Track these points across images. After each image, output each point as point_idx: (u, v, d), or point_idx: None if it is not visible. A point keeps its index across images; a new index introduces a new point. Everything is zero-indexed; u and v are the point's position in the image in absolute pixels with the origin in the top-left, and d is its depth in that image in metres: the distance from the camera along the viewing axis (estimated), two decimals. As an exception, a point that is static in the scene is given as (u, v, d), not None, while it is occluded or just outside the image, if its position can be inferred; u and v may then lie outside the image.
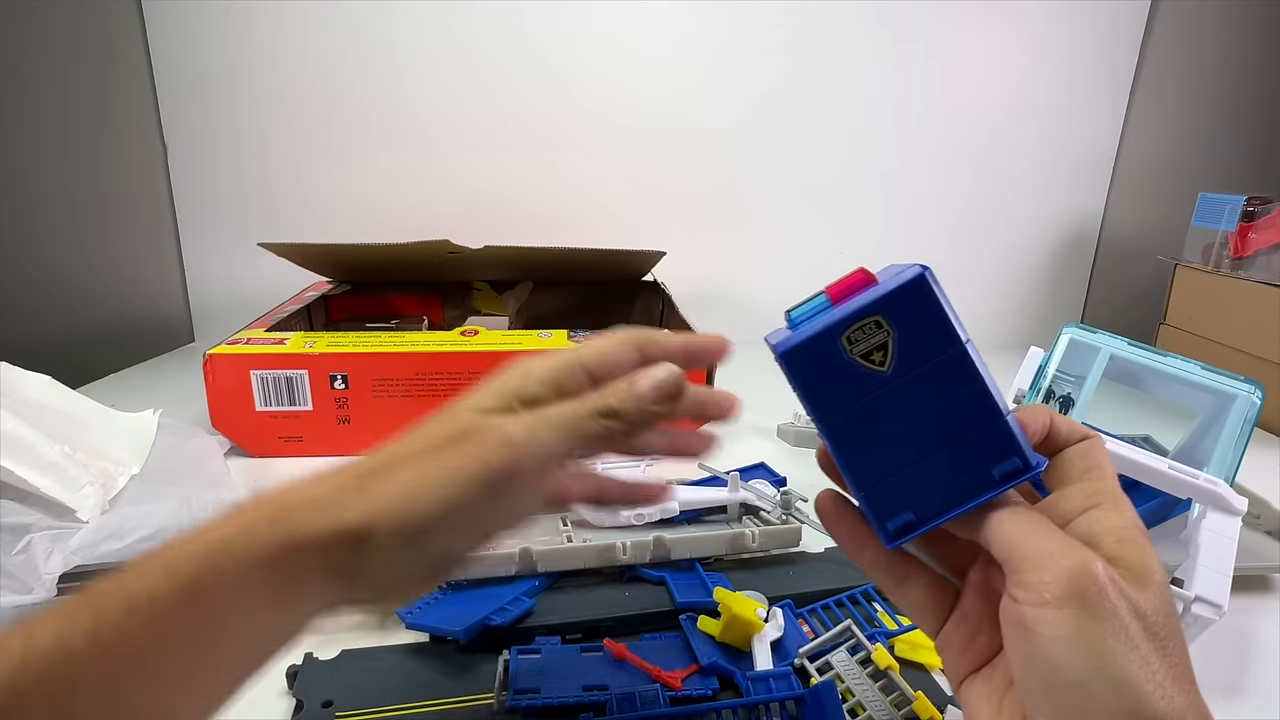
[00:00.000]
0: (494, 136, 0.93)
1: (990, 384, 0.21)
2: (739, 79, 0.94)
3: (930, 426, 0.22)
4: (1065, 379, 0.48)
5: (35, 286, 0.83)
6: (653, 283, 0.89)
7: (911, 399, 0.21)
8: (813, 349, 0.22)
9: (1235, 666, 0.39)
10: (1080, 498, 0.21)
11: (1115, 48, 0.96)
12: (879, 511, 0.22)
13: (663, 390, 0.24)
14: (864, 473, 0.22)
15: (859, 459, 0.22)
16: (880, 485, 0.22)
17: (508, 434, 0.22)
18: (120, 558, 0.43)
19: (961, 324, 0.21)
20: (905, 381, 0.21)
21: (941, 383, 0.21)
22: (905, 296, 0.21)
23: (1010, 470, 0.21)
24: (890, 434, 0.22)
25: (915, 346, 0.21)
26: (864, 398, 0.22)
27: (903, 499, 0.22)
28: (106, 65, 0.86)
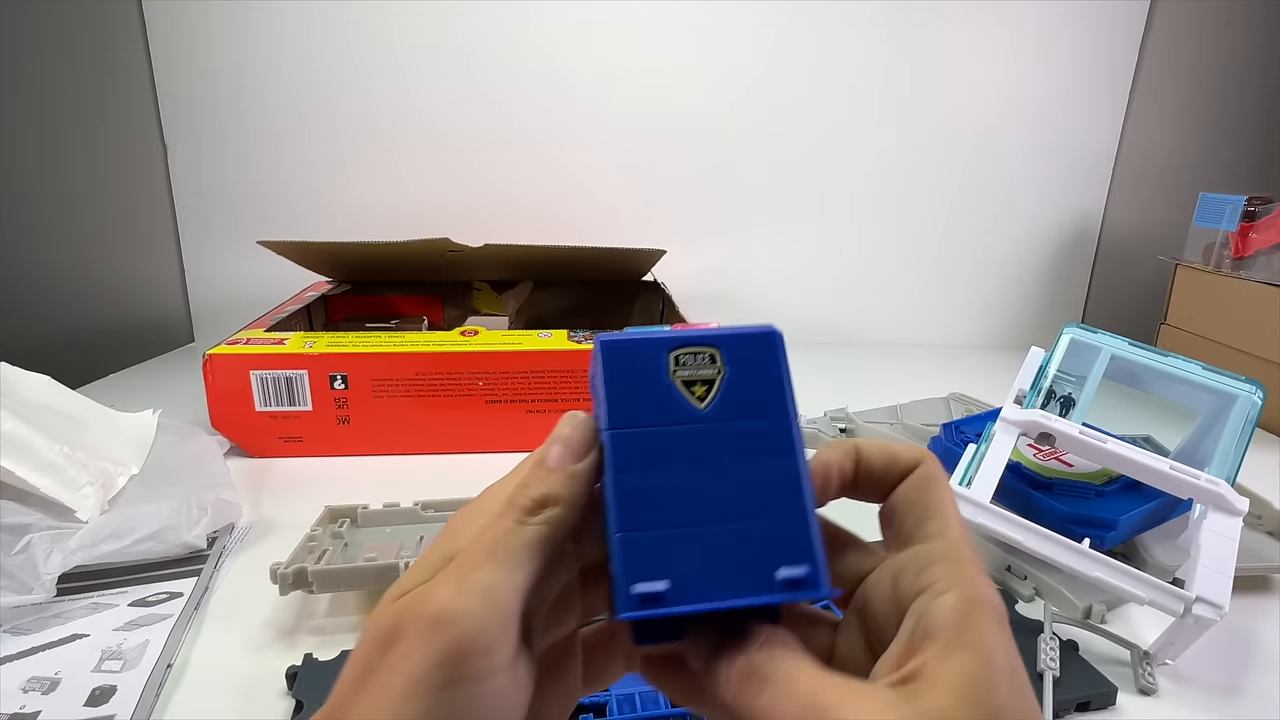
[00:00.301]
0: (495, 136, 0.93)
1: (804, 473, 0.19)
2: (739, 79, 0.94)
3: (726, 492, 0.18)
4: (1066, 379, 0.48)
5: (35, 286, 0.83)
6: (653, 282, 0.88)
7: (718, 451, 0.19)
8: (638, 349, 0.20)
9: (1235, 667, 0.39)
10: (912, 572, 0.18)
11: (1115, 48, 0.96)
12: (631, 566, 0.18)
13: (575, 443, 0.19)
14: (634, 511, 0.18)
15: (635, 493, 0.18)
16: (647, 534, 0.18)
17: (430, 611, 0.16)
18: (120, 558, 0.43)
19: (795, 402, 0.19)
20: (718, 429, 0.19)
21: (754, 448, 0.19)
22: (750, 342, 0.20)
23: (795, 579, 0.17)
24: (681, 480, 0.19)
25: (741, 398, 0.19)
26: (669, 425, 0.19)
27: (664, 563, 0.18)
28: (106, 65, 0.86)
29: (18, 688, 0.34)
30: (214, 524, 0.47)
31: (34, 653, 0.36)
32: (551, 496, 0.18)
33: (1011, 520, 0.39)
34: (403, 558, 0.40)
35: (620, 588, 0.17)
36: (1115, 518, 0.44)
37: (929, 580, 0.17)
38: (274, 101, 0.90)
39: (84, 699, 0.33)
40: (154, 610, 0.40)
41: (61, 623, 0.39)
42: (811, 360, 0.97)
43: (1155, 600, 0.36)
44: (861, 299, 1.03)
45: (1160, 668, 0.38)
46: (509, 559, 0.17)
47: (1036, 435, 0.43)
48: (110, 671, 0.35)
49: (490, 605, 0.16)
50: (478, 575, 0.16)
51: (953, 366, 0.93)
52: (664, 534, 0.18)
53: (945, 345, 1.03)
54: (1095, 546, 0.37)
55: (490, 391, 0.61)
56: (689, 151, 0.96)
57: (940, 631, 0.16)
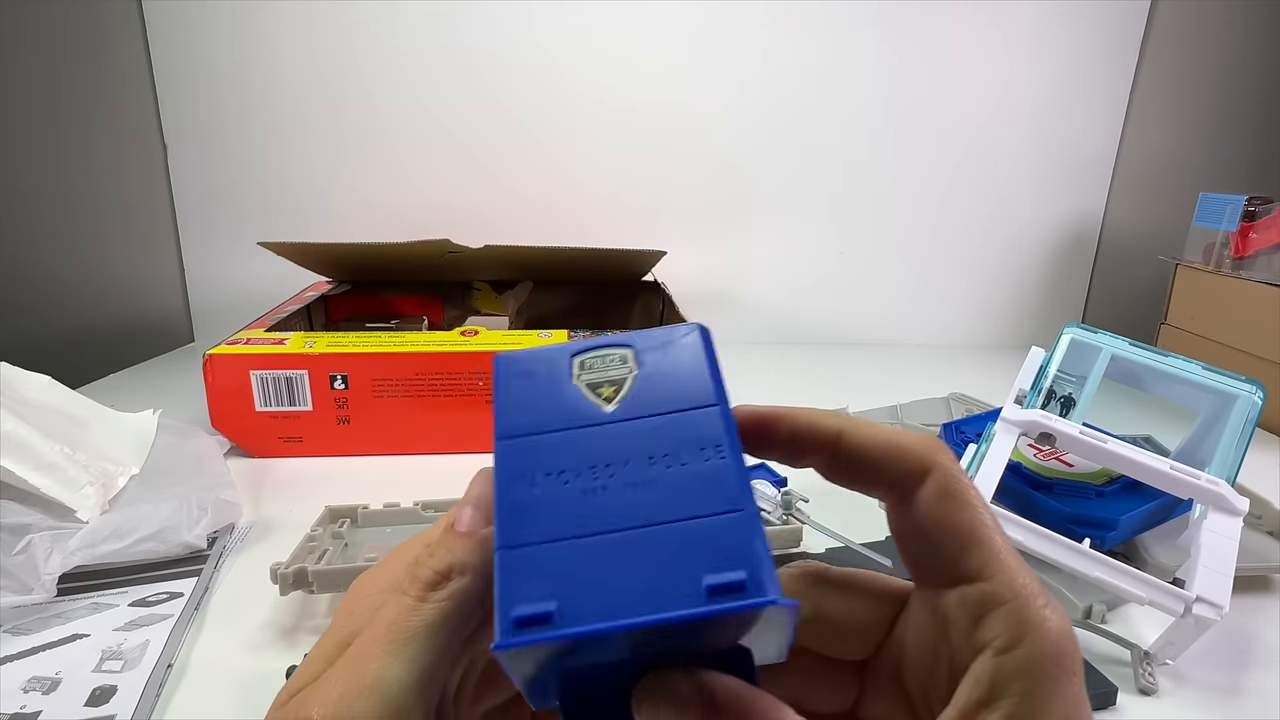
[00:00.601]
0: (496, 134, 0.93)
1: (737, 466, 0.15)
2: (738, 79, 0.94)
3: (638, 496, 0.15)
4: (1066, 379, 0.48)
5: (35, 286, 0.83)
6: (653, 283, 0.88)
7: (627, 452, 0.16)
8: (535, 357, 0.18)
9: (1235, 667, 0.39)
10: (964, 623, 0.15)
11: (1115, 47, 0.96)
12: (512, 586, 0.14)
13: (489, 504, 0.16)
14: (520, 525, 0.15)
15: (523, 506, 0.15)
16: (534, 549, 0.15)
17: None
18: (120, 558, 0.43)
19: (727, 397, 0.17)
20: (627, 428, 0.16)
21: (672, 445, 0.16)
22: (666, 338, 0.18)
23: (727, 585, 0.14)
24: (581, 487, 0.15)
25: (655, 394, 0.17)
26: (567, 430, 0.16)
27: (556, 581, 0.14)
28: (106, 64, 0.86)
29: (18, 688, 0.34)
30: (214, 524, 0.47)
31: (34, 653, 0.36)
32: (458, 565, 0.16)
33: (1012, 520, 0.39)
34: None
35: (499, 613, 0.14)
36: (1115, 518, 0.44)
37: (990, 635, 0.14)
38: (274, 100, 0.90)
39: (84, 699, 0.33)
40: (154, 610, 0.40)
41: (62, 623, 0.39)
42: (811, 360, 0.97)
43: (1155, 600, 0.36)
44: (861, 299, 1.03)
45: (1160, 668, 0.38)
46: (406, 646, 0.14)
47: (1037, 435, 0.43)
48: (111, 671, 0.35)
49: (383, 706, 0.14)
50: (369, 670, 0.14)
51: (953, 366, 0.93)
52: (556, 547, 0.15)
53: (945, 345, 1.03)
54: (1095, 546, 0.37)
55: (490, 391, 0.61)
56: (690, 151, 0.96)
57: (1013, 705, 0.13)
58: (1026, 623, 0.14)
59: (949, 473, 0.16)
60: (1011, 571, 0.15)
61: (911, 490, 0.16)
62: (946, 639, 0.15)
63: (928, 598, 0.16)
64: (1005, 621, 0.14)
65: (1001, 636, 0.14)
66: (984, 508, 0.16)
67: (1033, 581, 0.14)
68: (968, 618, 0.15)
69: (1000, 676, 0.14)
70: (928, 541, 0.16)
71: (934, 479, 0.16)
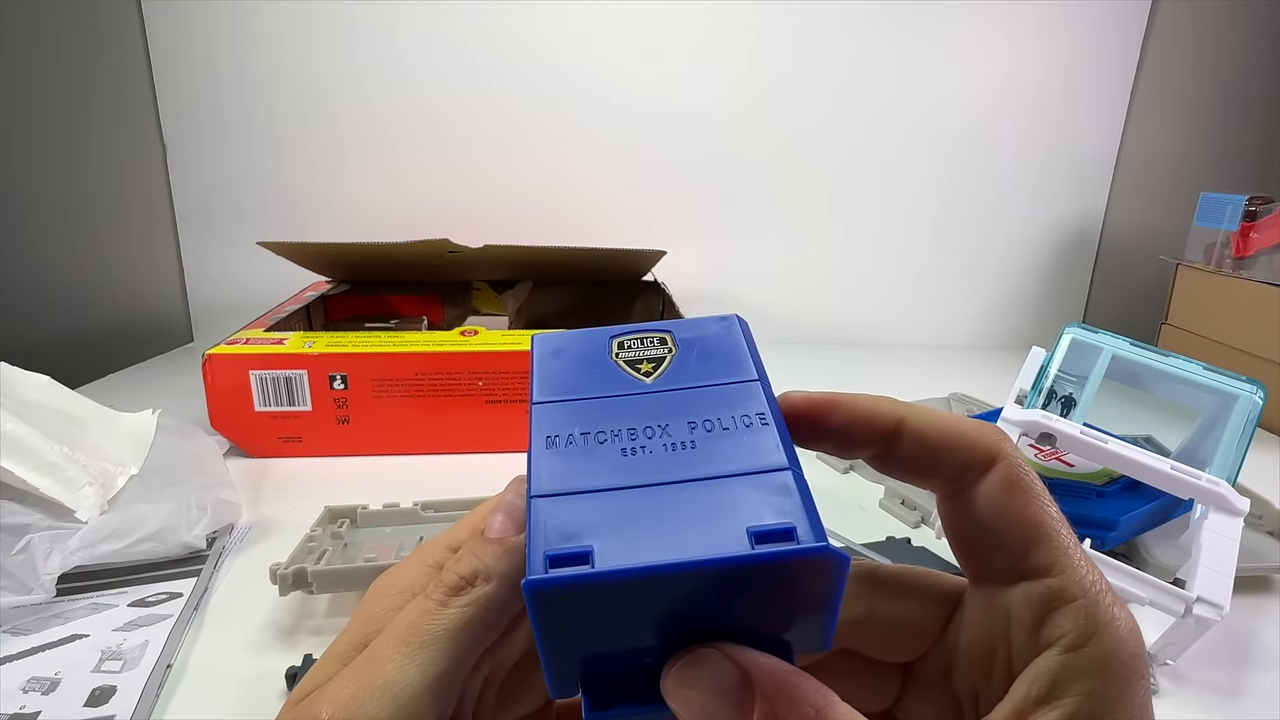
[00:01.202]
0: (497, 134, 0.93)
1: (781, 429, 0.15)
2: (739, 78, 0.94)
3: (679, 453, 0.15)
4: (1067, 379, 0.47)
5: (34, 286, 0.83)
6: (653, 282, 0.88)
7: (666, 415, 0.16)
8: (576, 338, 0.18)
9: (1236, 667, 0.39)
10: (1028, 619, 0.14)
11: (1115, 47, 0.96)
12: (548, 527, 0.14)
13: (521, 511, 0.16)
14: (557, 477, 0.15)
15: (560, 462, 0.15)
16: (567, 497, 0.14)
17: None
18: (119, 558, 0.43)
19: (766, 376, 0.17)
20: (667, 396, 0.16)
21: (712, 409, 0.16)
22: (708, 324, 0.18)
23: (775, 532, 0.13)
24: (621, 446, 0.15)
25: (697, 369, 0.17)
26: (607, 395, 0.16)
27: (590, 525, 0.14)
28: (105, 64, 0.85)
29: (18, 688, 0.34)
30: (214, 524, 0.47)
31: (34, 653, 0.36)
32: (484, 571, 0.15)
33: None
34: (402, 558, 0.40)
35: (531, 553, 0.13)
36: (1116, 518, 0.44)
37: (1057, 632, 0.13)
38: (274, 100, 0.90)
39: (84, 699, 0.33)
40: (154, 610, 0.40)
41: (61, 623, 0.39)
42: (812, 360, 0.97)
43: (1156, 600, 0.36)
44: (862, 299, 1.03)
45: (1161, 668, 0.38)
46: (423, 650, 0.14)
47: (1037, 435, 0.43)
48: (110, 672, 0.35)
49: (394, 709, 0.13)
50: (383, 672, 0.14)
51: (953, 366, 0.93)
52: (594, 497, 0.14)
53: (945, 345, 1.03)
54: (1096, 547, 0.37)
55: (490, 391, 0.61)
56: (690, 151, 0.96)
57: (1077, 704, 0.13)
58: (1096, 620, 0.13)
59: (1015, 463, 0.15)
60: (1080, 568, 0.14)
61: (974, 482, 0.15)
62: (1006, 637, 0.14)
63: (986, 594, 0.15)
64: (1074, 618, 0.13)
65: (1070, 634, 0.13)
66: (1051, 501, 0.15)
67: (1101, 579, 0.14)
68: (1033, 614, 0.14)
69: (1065, 674, 0.13)
70: (990, 535, 0.15)
71: (1000, 469, 0.15)
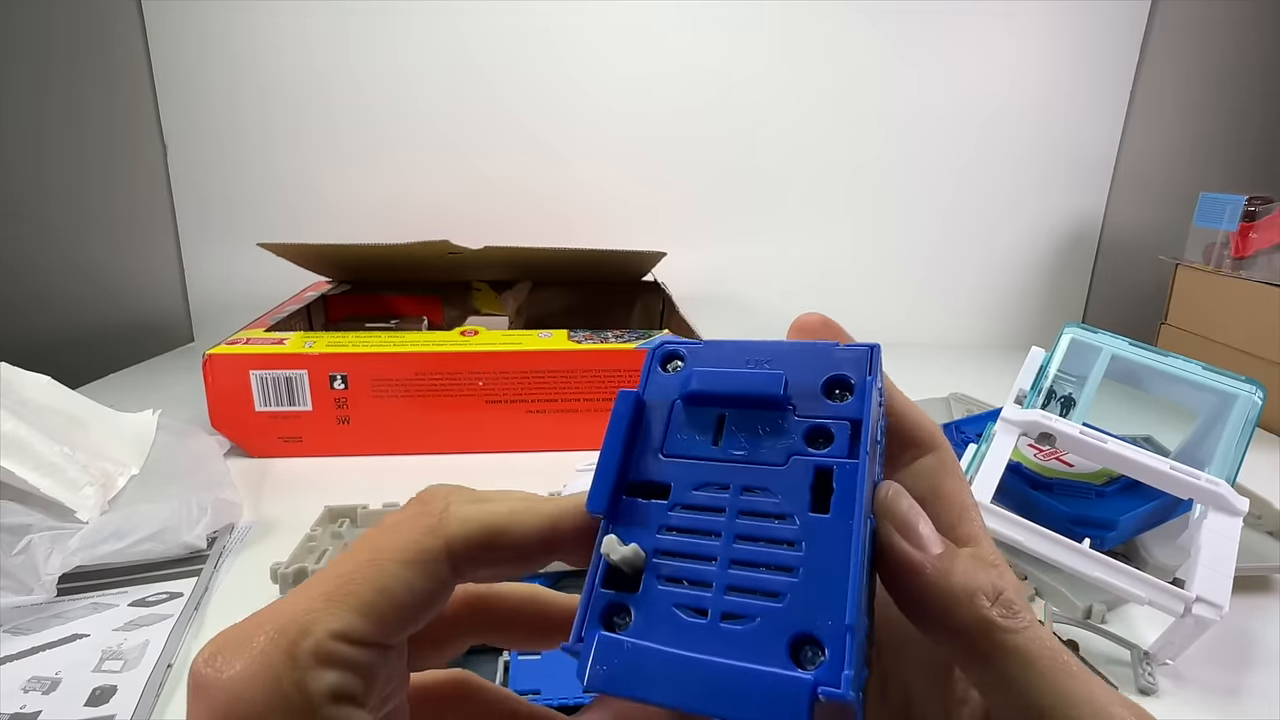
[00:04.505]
0: (496, 135, 0.93)
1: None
2: (740, 79, 0.94)
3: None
4: (1067, 379, 0.47)
5: (34, 286, 0.83)
6: (653, 283, 0.88)
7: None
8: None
9: (1236, 667, 0.39)
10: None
11: (1115, 47, 0.96)
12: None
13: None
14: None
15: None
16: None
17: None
18: (120, 558, 0.43)
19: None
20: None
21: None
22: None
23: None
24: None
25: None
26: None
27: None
28: (106, 64, 0.86)
29: (18, 688, 0.34)
30: (214, 524, 0.47)
31: (34, 653, 0.36)
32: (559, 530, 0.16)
33: (1012, 520, 0.39)
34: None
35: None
36: (1115, 518, 0.44)
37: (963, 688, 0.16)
38: (274, 101, 0.90)
39: (84, 699, 0.33)
40: (154, 610, 0.40)
41: (61, 623, 0.39)
42: (811, 360, 0.97)
43: (1155, 600, 0.36)
44: (862, 299, 1.03)
45: (1160, 668, 0.38)
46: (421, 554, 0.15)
47: (1037, 435, 0.43)
48: (110, 671, 0.35)
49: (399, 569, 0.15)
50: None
51: (953, 366, 0.93)
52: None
53: (945, 345, 1.03)
54: (1095, 547, 0.37)
55: (490, 391, 0.61)
56: (691, 151, 0.96)
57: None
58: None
59: (951, 450, 0.18)
60: (987, 542, 0.17)
61: (915, 458, 0.17)
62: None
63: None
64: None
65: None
66: (969, 488, 0.18)
67: (1001, 559, 0.16)
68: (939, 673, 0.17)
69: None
70: (924, 504, 0.17)
71: (939, 453, 0.17)
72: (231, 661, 0.13)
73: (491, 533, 0.15)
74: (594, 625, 0.15)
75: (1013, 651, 0.14)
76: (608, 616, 0.15)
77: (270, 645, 0.13)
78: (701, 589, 0.15)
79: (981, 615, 0.14)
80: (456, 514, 0.15)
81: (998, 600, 0.14)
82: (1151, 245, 0.99)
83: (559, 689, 0.33)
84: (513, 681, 0.33)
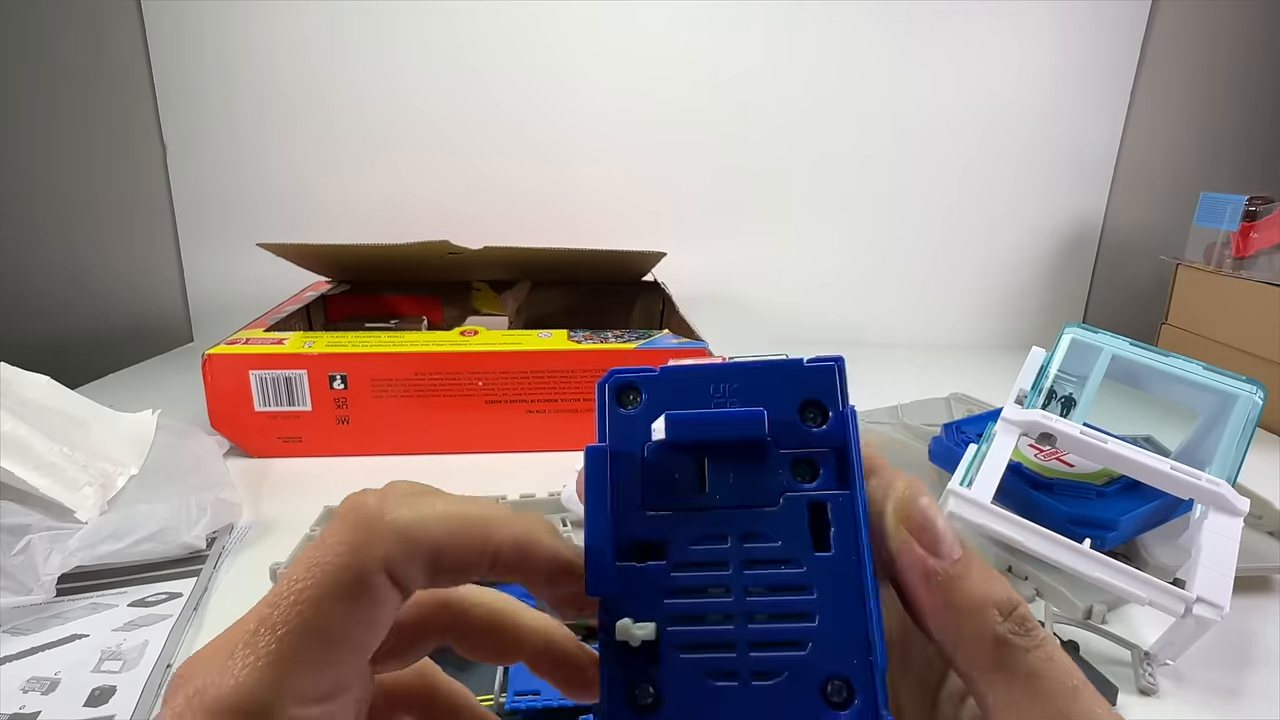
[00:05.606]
0: (496, 135, 0.93)
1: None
2: (740, 79, 0.94)
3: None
4: (1067, 379, 0.47)
5: (34, 286, 0.83)
6: (653, 283, 0.88)
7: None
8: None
9: (1236, 667, 0.39)
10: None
11: (1116, 47, 0.96)
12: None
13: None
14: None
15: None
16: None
17: None
18: (119, 559, 0.43)
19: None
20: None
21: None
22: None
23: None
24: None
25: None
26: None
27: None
28: (105, 64, 0.85)
29: (18, 688, 0.34)
30: (213, 524, 0.47)
31: (34, 653, 0.36)
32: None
33: (1012, 521, 0.39)
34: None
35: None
36: (1116, 518, 0.44)
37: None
38: (274, 101, 0.90)
39: (84, 699, 0.33)
40: (153, 610, 0.40)
41: (61, 623, 0.39)
42: (812, 360, 0.97)
43: (1156, 601, 0.36)
44: (862, 299, 1.03)
45: (1161, 668, 0.38)
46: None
47: (1037, 435, 0.43)
48: (110, 672, 0.35)
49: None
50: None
51: (953, 366, 0.93)
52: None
53: (945, 345, 1.03)
54: (1096, 547, 0.37)
55: (490, 392, 0.61)
56: (691, 151, 0.96)
57: None
58: None
59: (889, 469, 0.17)
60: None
61: None
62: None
63: None
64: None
65: None
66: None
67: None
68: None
69: None
70: None
71: (881, 473, 0.16)
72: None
73: (435, 548, 0.14)
74: (621, 709, 0.14)
75: (1021, 671, 0.14)
76: (631, 696, 0.14)
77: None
78: (724, 651, 0.14)
79: (993, 630, 0.14)
80: (390, 526, 0.14)
81: (1011, 615, 0.14)
82: (1152, 245, 0.99)
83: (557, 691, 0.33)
84: (512, 682, 0.33)
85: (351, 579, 0.13)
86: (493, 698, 0.33)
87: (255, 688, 0.12)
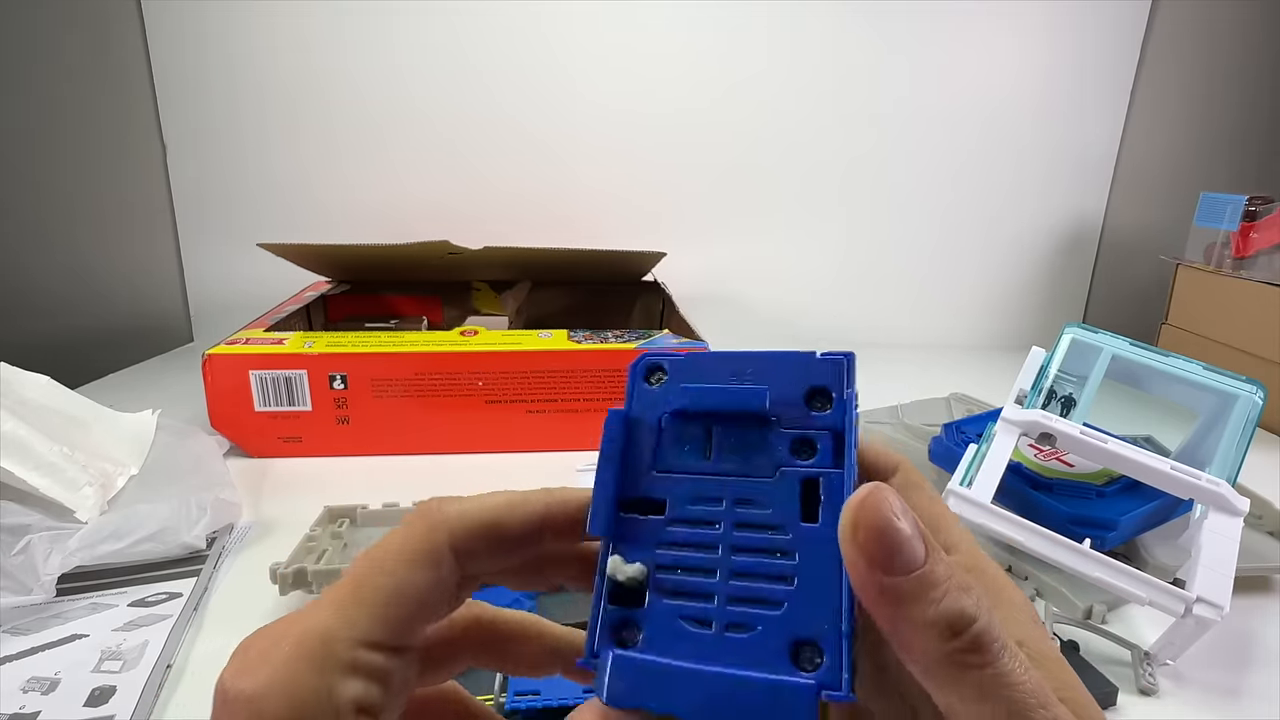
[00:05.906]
0: (496, 135, 0.93)
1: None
2: (740, 79, 0.94)
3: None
4: (1067, 379, 0.47)
5: (34, 286, 0.83)
6: (653, 283, 0.88)
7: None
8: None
9: (1236, 667, 0.39)
10: None
11: (1116, 47, 0.96)
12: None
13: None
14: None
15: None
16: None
17: None
18: (119, 559, 0.43)
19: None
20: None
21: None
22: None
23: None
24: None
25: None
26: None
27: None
28: (105, 64, 0.85)
29: (18, 688, 0.34)
30: (213, 524, 0.47)
31: (34, 653, 0.36)
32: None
33: (1012, 520, 0.39)
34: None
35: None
36: (1116, 518, 0.44)
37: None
38: (273, 101, 0.90)
39: (84, 699, 0.33)
40: (153, 610, 0.40)
41: (61, 623, 0.39)
42: (812, 360, 0.97)
43: (1156, 601, 0.36)
44: (862, 299, 1.03)
45: (1161, 668, 0.38)
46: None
47: (1037, 435, 0.43)
48: (110, 672, 0.35)
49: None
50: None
51: (953, 366, 0.93)
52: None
53: (945, 345, 1.03)
54: (1096, 547, 0.37)
55: (490, 391, 0.61)
56: (691, 151, 0.96)
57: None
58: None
59: (910, 466, 0.18)
60: (975, 547, 0.17)
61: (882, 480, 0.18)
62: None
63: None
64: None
65: None
66: (941, 500, 0.18)
67: (991, 563, 0.17)
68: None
69: None
70: None
71: (901, 474, 0.18)
72: (257, 674, 0.13)
73: (489, 522, 0.16)
74: (606, 641, 0.16)
75: (973, 689, 0.13)
76: (617, 632, 0.16)
77: (295, 656, 0.14)
78: (704, 601, 0.15)
79: (941, 650, 0.13)
80: (454, 509, 0.16)
81: (963, 634, 0.13)
82: (1152, 245, 0.99)
83: (558, 690, 0.33)
84: (512, 682, 0.33)
85: (422, 547, 0.16)
86: (492, 698, 0.33)
87: (322, 620, 0.14)
